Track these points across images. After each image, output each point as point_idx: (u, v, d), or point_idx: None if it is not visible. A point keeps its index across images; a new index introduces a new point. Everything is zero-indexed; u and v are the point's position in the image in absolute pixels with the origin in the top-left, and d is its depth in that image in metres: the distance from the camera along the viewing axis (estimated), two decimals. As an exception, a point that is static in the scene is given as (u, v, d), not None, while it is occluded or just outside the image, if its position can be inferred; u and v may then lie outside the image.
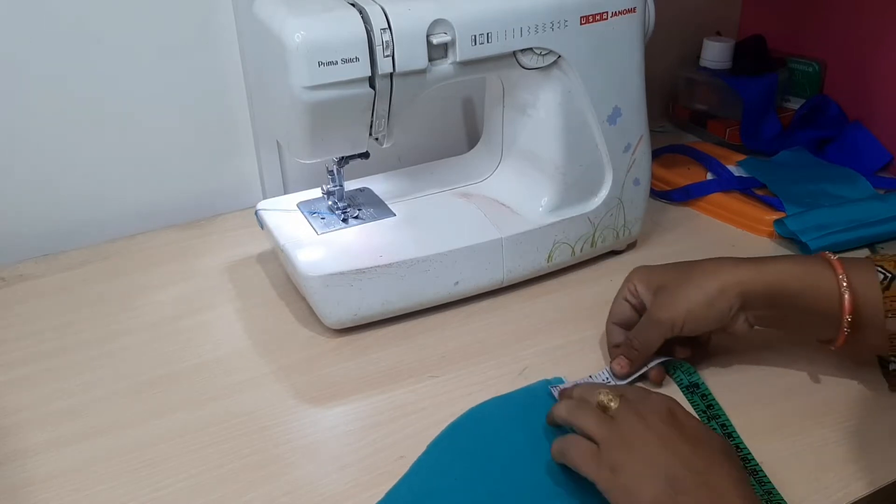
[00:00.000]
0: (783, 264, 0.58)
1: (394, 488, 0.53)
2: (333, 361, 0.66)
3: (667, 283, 0.60)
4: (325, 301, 0.67)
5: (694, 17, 1.08)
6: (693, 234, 0.83)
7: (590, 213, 0.75)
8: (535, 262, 0.74)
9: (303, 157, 0.66)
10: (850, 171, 0.90)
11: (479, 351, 0.67)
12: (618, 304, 0.64)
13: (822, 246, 0.76)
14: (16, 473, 0.55)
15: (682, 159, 0.97)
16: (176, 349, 0.68)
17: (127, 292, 0.75)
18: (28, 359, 0.67)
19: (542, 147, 0.73)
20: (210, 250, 0.82)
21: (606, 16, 0.68)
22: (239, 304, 0.74)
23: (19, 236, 0.81)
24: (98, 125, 0.81)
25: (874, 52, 0.96)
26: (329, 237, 0.70)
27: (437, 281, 0.69)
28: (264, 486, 0.54)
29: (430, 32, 0.62)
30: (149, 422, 0.60)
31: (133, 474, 0.55)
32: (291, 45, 0.58)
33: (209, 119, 0.86)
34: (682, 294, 0.58)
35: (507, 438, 0.56)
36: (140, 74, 0.80)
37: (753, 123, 1.00)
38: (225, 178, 0.89)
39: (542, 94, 0.70)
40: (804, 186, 0.85)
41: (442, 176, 0.80)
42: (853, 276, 0.56)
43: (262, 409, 0.61)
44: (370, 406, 0.61)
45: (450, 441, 0.56)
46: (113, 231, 0.84)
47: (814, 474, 0.54)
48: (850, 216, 0.79)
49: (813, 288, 0.56)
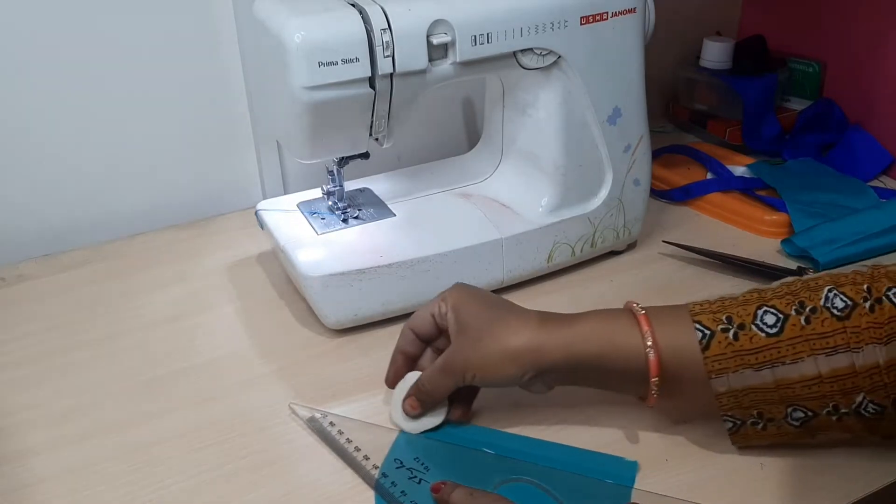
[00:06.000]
0: (588, 325, 0.54)
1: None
2: (333, 361, 0.66)
3: (472, 325, 0.55)
4: (325, 301, 0.67)
5: (694, 17, 1.08)
6: (693, 234, 0.83)
7: (590, 214, 0.75)
8: (535, 263, 0.74)
9: (303, 157, 0.66)
10: (857, 182, 0.90)
11: (479, 351, 0.67)
12: (422, 314, 0.59)
13: (832, 259, 0.76)
14: (16, 473, 0.55)
15: (682, 159, 0.97)
16: (176, 349, 0.68)
17: (127, 292, 0.75)
18: (28, 359, 0.67)
19: (542, 147, 0.73)
20: (210, 250, 0.82)
21: (606, 16, 0.68)
22: (239, 304, 0.74)
23: (19, 236, 0.81)
24: (98, 125, 0.81)
25: (874, 53, 0.96)
26: (329, 237, 0.70)
27: (437, 281, 0.69)
28: (264, 486, 0.54)
29: (430, 33, 0.62)
30: (149, 422, 0.60)
31: (133, 474, 0.55)
32: (291, 46, 0.58)
33: (209, 119, 0.86)
34: (478, 347, 0.55)
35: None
36: (140, 74, 0.80)
37: (754, 123, 1.00)
38: (225, 178, 0.89)
39: (542, 94, 0.70)
40: (813, 195, 0.85)
41: (442, 176, 0.80)
42: (661, 333, 0.52)
43: (262, 409, 0.61)
44: (370, 406, 0.61)
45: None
46: (113, 231, 0.84)
47: (814, 474, 0.54)
48: (856, 228, 0.79)
49: (616, 350, 0.53)
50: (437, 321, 0.58)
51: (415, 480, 0.54)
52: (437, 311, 0.58)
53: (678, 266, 0.79)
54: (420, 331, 0.59)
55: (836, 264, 0.76)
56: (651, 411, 0.58)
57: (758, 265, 0.76)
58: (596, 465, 0.55)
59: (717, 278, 0.76)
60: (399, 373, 0.60)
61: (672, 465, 0.55)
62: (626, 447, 0.56)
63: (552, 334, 0.54)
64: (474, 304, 0.57)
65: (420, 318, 0.59)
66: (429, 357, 0.60)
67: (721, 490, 0.53)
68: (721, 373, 0.51)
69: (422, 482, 0.53)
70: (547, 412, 0.60)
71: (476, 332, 0.55)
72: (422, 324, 0.59)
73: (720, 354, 0.51)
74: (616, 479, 0.54)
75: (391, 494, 0.52)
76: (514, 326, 0.55)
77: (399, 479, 0.54)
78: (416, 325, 0.59)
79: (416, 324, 0.59)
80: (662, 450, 0.56)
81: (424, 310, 0.59)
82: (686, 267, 0.78)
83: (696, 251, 0.79)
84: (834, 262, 0.76)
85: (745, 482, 0.54)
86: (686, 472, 0.55)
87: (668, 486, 0.53)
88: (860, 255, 0.78)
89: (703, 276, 0.77)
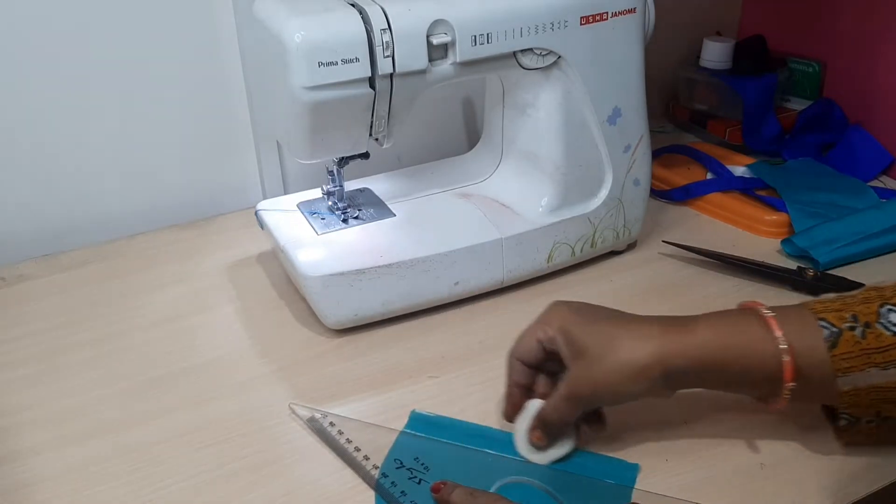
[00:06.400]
0: (713, 329, 0.52)
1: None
2: (333, 361, 0.66)
3: (588, 347, 0.53)
4: (325, 301, 0.67)
5: (694, 17, 1.08)
6: (693, 234, 0.83)
7: (590, 214, 0.75)
8: (535, 263, 0.74)
9: (303, 157, 0.66)
10: (857, 182, 0.90)
11: (479, 351, 0.67)
12: (527, 343, 0.56)
13: (832, 259, 0.76)
14: (16, 473, 0.55)
15: (682, 159, 0.97)
16: (176, 349, 0.68)
17: (127, 292, 0.75)
18: (28, 359, 0.67)
19: (542, 147, 0.73)
20: (210, 250, 0.82)
21: (606, 16, 0.68)
22: (239, 304, 0.74)
23: (19, 236, 0.81)
24: (98, 125, 0.81)
25: (874, 53, 0.96)
26: (329, 237, 0.70)
27: (437, 281, 0.69)
28: (264, 486, 0.54)
29: (430, 33, 0.62)
30: (149, 422, 0.60)
31: (133, 474, 0.55)
32: (291, 46, 0.58)
33: (209, 119, 0.86)
34: (601, 368, 0.52)
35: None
36: (140, 74, 0.80)
37: (754, 123, 1.00)
38: (225, 178, 0.89)
39: (542, 95, 0.70)
40: (813, 195, 0.85)
41: (442, 176, 0.80)
42: (793, 335, 0.51)
43: (263, 409, 0.61)
44: (370, 406, 0.61)
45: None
46: (113, 231, 0.84)
47: (814, 474, 0.54)
48: (856, 228, 0.79)
49: (747, 355, 0.51)
50: (546, 346, 0.55)
51: (415, 480, 0.54)
52: (544, 337, 0.55)
53: (678, 266, 0.79)
54: (528, 359, 0.56)
55: (835, 264, 0.77)
56: (651, 411, 0.58)
57: (757, 265, 0.76)
58: (596, 467, 0.55)
59: (717, 278, 0.76)
60: (517, 406, 0.57)
61: (672, 465, 0.55)
62: (626, 447, 0.56)
63: (676, 343, 0.52)
64: (583, 321, 0.55)
65: (525, 347, 0.56)
66: (543, 382, 0.57)
67: (721, 490, 0.53)
68: (848, 371, 0.51)
69: (422, 482, 0.53)
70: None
71: (595, 351, 0.53)
72: (528, 352, 0.56)
73: (847, 353, 0.50)
74: (616, 479, 0.54)
75: (391, 494, 0.52)
76: (635, 339, 0.53)
77: (399, 479, 0.54)
78: (522, 354, 0.56)
79: (522, 353, 0.56)
80: (662, 450, 0.56)
81: (528, 337, 0.56)
82: (686, 267, 0.78)
83: (696, 251, 0.79)
84: (834, 262, 0.76)
85: (745, 482, 0.54)
86: (686, 472, 0.55)
87: (668, 486, 0.53)
88: (860, 255, 0.78)
89: (703, 276, 0.77)
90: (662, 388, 0.53)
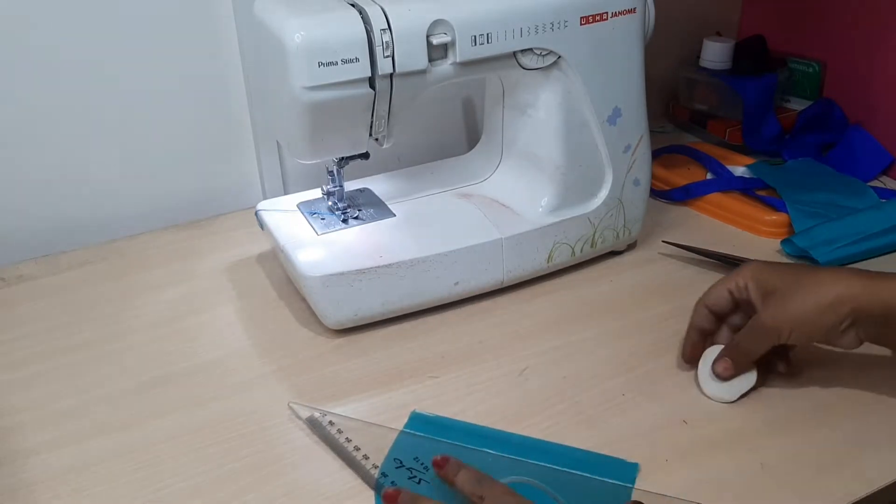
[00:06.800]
0: None
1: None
2: (333, 361, 0.66)
3: (778, 286, 0.57)
4: (325, 301, 0.67)
5: (694, 17, 1.08)
6: (693, 234, 0.83)
7: (590, 214, 0.75)
8: (535, 263, 0.74)
9: (303, 157, 0.66)
10: (857, 182, 0.90)
11: (479, 351, 0.67)
12: (718, 291, 0.61)
13: (832, 259, 0.76)
14: (16, 473, 0.55)
15: (682, 159, 0.97)
16: (176, 349, 0.68)
17: (127, 292, 0.75)
18: (28, 359, 0.67)
19: (542, 147, 0.73)
20: (210, 250, 0.82)
21: (606, 16, 0.68)
22: (239, 304, 0.74)
23: (19, 236, 0.81)
24: (98, 125, 0.81)
25: (874, 53, 0.96)
26: (329, 237, 0.70)
27: (437, 281, 0.69)
28: (264, 486, 0.54)
29: (430, 33, 0.62)
30: (149, 422, 0.60)
31: (133, 474, 0.55)
32: (291, 46, 0.58)
33: (209, 119, 0.86)
34: (793, 302, 0.56)
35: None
36: (140, 74, 0.80)
37: (754, 123, 1.00)
38: (225, 178, 0.89)
39: (542, 95, 0.70)
40: (813, 195, 0.85)
41: (442, 176, 0.80)
42: None
43: (262, 409, 0.61)
44: (370, 406, 0.61)
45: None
46: (113, 231, 0.85)
47: (814, 474, 0.54)
48: (856, 228, 0.79)
49: None
50: (735, 296, 0.59)
51: (414, 480, 0.54)
52: (735, 286, 0.59)
53: (678, 266, 0.79)
54: (715, 307, 0.60)
55: (835, 265, 0.76)
56: (650, 411, 0.58)
57: (758, 265, 0.76)
58: (596, 466, 0.55)
59: (717, 278, 0.75)
60: (696, 349, 0.60)
61: (672, 465, 0.55)
62: (627, 447, 0.56)
63: (867, 286, 0.54)
64: (775, 270, 0.58)
65: (716, 295, 0.60)
66: (725, 334, 0.61)
67: (721, 490, 0.53)
68: None
69: (422, 482, 0.53)
70: (547, 412, 0.60)
71: (786, 289, 0.56)
72: (717, 300, 0.60)
73: None
74: (616, 479, 0.54)
75: (391, 494, 0.52)
76: (826, 279, 0.55)
77: (399, 479, 0.54)
78: (711, 301, 0.61)
79: (711, 300, 0.61)
80: (662, 450, 0.56)
81: (720, 286, 0.60)
82: (686, 267, 0.78)
83: (696, 251, 0.79)
84: (834, 262, 0.76)
85: (745, 482, 0.54)
86: (686, 472, 0.55)
87: (668, 486, 0.53)
88: (860, 256, 0.78)
89: (703, 276, 0.77)
90: (849, 328, 0.55)
